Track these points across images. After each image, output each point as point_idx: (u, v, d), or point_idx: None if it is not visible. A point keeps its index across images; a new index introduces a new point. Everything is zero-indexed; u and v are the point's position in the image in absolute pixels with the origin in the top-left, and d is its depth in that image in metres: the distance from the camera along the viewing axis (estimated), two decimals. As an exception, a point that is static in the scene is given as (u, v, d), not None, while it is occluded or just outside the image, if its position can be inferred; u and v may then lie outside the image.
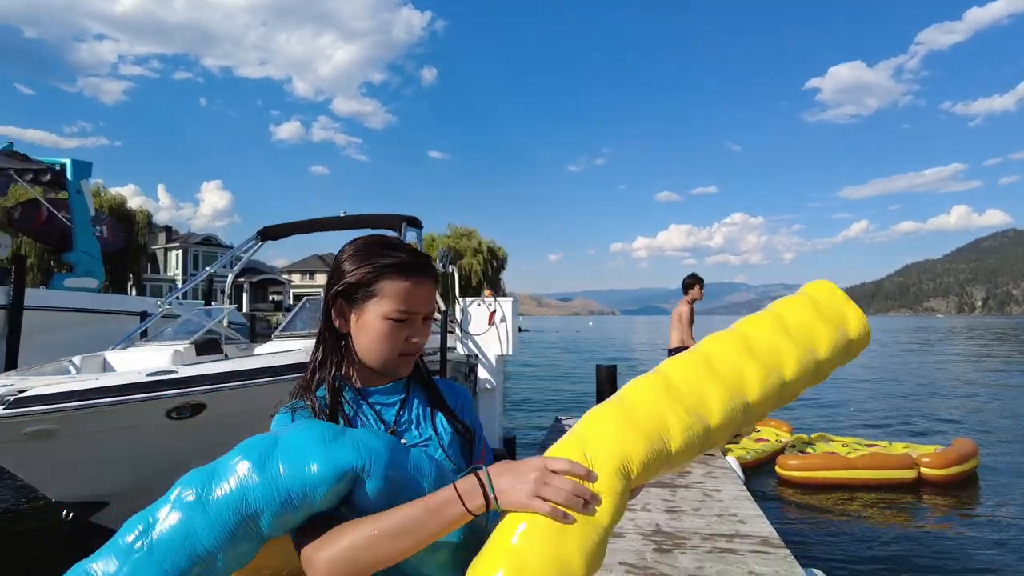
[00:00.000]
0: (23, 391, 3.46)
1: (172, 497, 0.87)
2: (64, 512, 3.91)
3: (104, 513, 4.04)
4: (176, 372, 3.92)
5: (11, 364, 6.16)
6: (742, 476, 6.20)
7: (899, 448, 7.91)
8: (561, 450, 0.99)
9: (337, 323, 1.10)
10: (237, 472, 0.87)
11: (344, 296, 1.08)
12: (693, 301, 7.17)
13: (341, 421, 1.04)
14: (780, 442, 8.28)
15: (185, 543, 0.83)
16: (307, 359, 4.24)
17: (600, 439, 0.99)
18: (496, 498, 0.91)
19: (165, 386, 3.77)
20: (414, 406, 1.14)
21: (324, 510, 0.92)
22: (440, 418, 1.14)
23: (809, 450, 7.77)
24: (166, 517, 0.85)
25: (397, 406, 1.12)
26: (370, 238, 1.12)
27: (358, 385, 1.12)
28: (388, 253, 1.08)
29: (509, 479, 0.91)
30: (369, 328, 1.08)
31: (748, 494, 5.17)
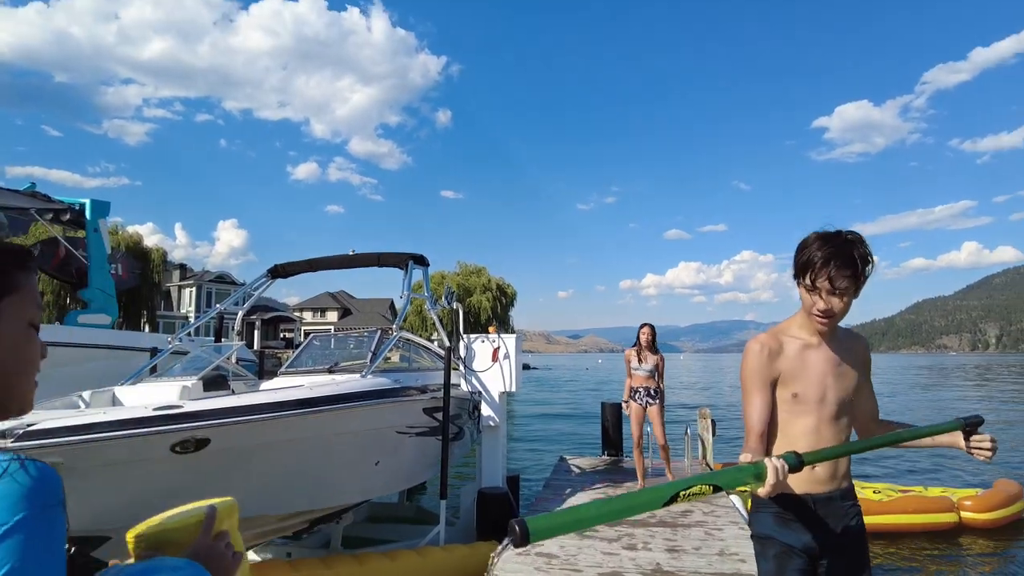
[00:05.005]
0: (31, 425, 3.55)
1: None
2: (66, 547, 3.95)
3: (106, 547, 4.07)
4: (182, 407, 3.99)
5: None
6: (746, 516, 6.13)
7: (935, 492, 7.45)
8: None
9: None
10: None
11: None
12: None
13: None
14: None
15: None
16: (312, 395, 4.30)
17: None
18: None
19: (170, 420, 3.84)
20: None
21: None
22: None
23: None
24: None
25: None
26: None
27: None
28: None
29: None
30: (8, 336, 0.77)
31: (749, 533, 5.12)
